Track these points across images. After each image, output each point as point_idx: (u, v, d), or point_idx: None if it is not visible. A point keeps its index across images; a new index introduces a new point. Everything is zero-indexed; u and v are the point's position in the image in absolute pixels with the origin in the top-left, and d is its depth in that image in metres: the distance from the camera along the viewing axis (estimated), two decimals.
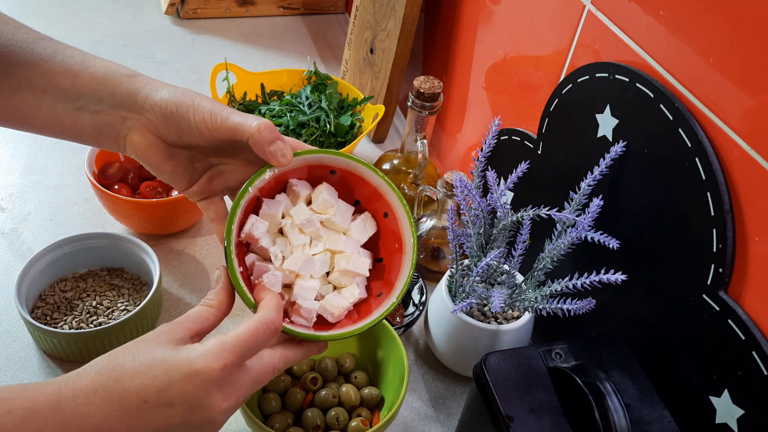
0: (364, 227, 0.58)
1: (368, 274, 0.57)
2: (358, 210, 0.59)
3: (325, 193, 0.57)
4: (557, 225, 0.64)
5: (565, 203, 0.64)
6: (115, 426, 0.42)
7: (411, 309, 0.80)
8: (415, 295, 0.81)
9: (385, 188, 0.58)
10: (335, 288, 0.56)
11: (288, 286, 0.54)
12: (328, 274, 0.56)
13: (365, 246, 0.58)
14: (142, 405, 0.43)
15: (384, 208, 0.59)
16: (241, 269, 0.53)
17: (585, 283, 0.61)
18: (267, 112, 0.99)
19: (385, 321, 0.69)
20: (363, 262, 0.56)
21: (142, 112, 0.52)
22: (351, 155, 0.57)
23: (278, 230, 0.57)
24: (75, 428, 0.41)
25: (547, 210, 0.63)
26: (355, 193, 0.60)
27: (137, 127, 0.53)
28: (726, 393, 0.53)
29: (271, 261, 0.54)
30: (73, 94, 0.53)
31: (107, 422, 0.42)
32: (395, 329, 0.70)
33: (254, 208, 0.56)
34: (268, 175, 0.54)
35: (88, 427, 0.41)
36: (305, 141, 0.95)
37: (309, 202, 0.58)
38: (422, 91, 0.84)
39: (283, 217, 0.56)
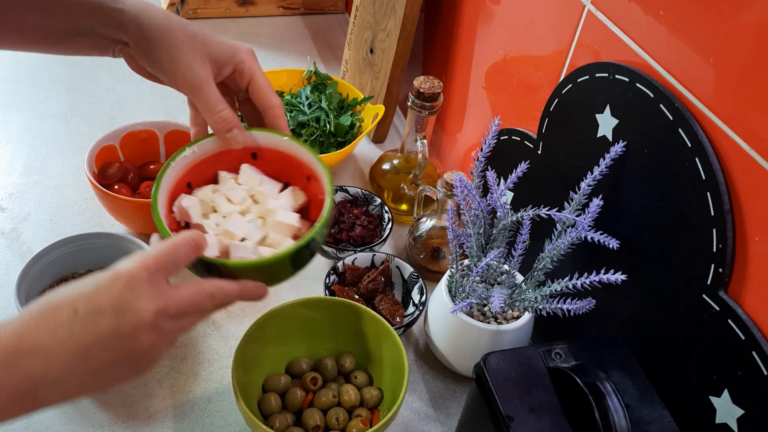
0: (292, 196, 0.62)
1: (299, 225, 0.59)
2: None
3: (249, 170, 0.63)
4: (557, 225, 0.64)
5: (565, 203, 0.64)
6: (48, 344, 0.43)
7: (411, 309, 0.80)
8: (415, 295, 0.81)
9: (302, 153, 0.62)
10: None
11: (226, 254, 0.56)
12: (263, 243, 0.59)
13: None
14: (72, 317, 0.44)
15: (307, 173, 0.63)
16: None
17: (585, 283, 0.61)
18: None
19: (385, 322, 0.69)
20: (292, 216, 0.59)
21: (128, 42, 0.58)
22: (269, 129, 0.63)
23: (212, 210, 0.61)
24: (11, 349, 0.42)
25: (547, 210, 0.63)
26: (281, 176, 0.65)
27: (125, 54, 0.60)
28: (726, 393, 0.53)
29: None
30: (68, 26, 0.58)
31: (42, 339, 0.43)
32: (395, 329, 0.70)
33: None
34: (188, 152, 0.61)
35: (24, 348, 0.42)
36: (305, 140, 0.95)
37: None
38: (422, 91, 0.84)
39: (214, 194, 0.62)
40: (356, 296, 0.78)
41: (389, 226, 0.87)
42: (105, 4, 0.56)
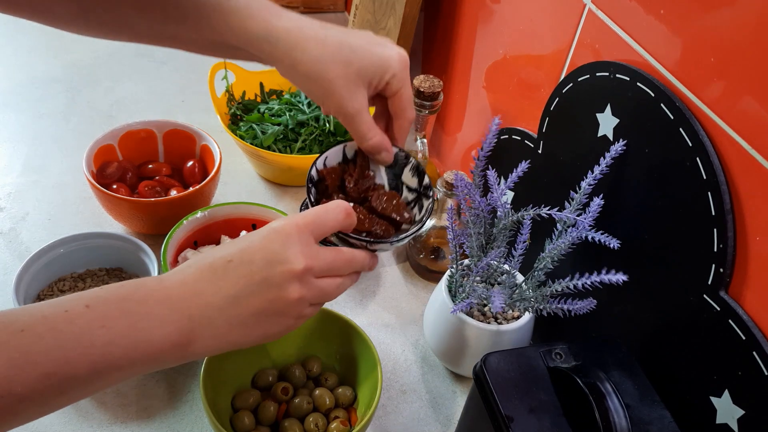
0: None
1: None
2: None
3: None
4: (558, 224, 0.64)
5: (566, 203, 0.64)
6: (205, 288, 0.48)
7: (408, 195, 0.65)
8: (410, 179, 0.65)
9: None
10: None
11: None
12: None
13: None
14: (227, 265, 0.49)
15: None
16: None
17: (585, 283, 0.60)
18: (266, 111, 0.99)
19: (347, 318, 0.70)
20: None
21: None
22: (270, 206, 0.78)
23: None
24: (175, 294, 0.47)
25: (548, 209, 0.62)
26: None
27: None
28: (726, 393, 0.53)
29: None
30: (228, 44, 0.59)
31: (199, 285, 0.48)
32: (407, 234, 0.59)
33: None
34: (199, 215, 0.79)
35: (185, 292, 0.48)
36: (304, 140, 0.95)
37: None
38: (422, 90, 0.84)
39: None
40: (351, 204, 0.58)
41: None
42: (257, 35, 0.57)
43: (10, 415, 0.41)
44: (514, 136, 0.78)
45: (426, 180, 0.64)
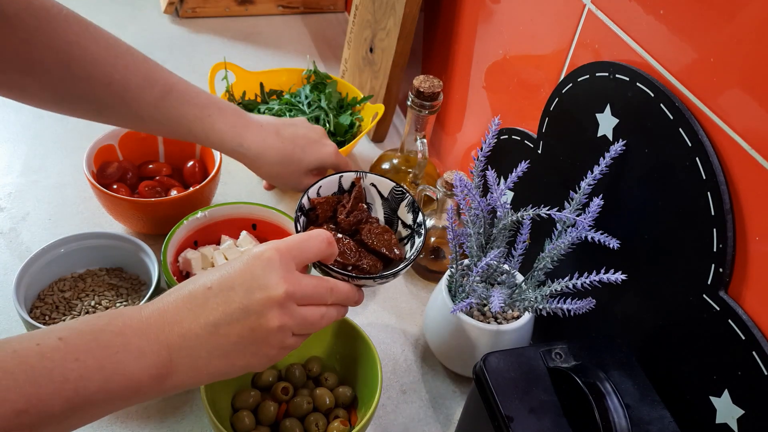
0: None
1: None
2: None
3: (247, 236, 0.80)
4: (557, 225, 0.64)
5: (565, 203, 0.64)
6: (185, 316, 0.47)
7: (403, 230, 0.66)
8: (405, 215, 0.66)
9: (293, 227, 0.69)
10: None
11: None
12: None
13: None
14: (206, 293, 0.48)
15: None
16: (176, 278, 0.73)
17: (585, 282, 0.60)
18: (266, 111, 0.99)
19: (346, 318, 0.69)
20: None
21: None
22: (270, 206, 0.81)
23: (210, 264, 0.76)
24: (153, 323, 0.46)
25: (547, 209, 0.62)
26: None
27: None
28: (726, 393, 0.53)
29: None
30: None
31: (178, 314, 0.47)
32: (398, 269, 0.59)
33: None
34: (199, 215, 0.79)
35: (163, 321, 0.47)
36: None
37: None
38: (422, 90, 0.84)
39: (214, 251, 0.77)
40: (338, 234, 0.62)
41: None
42: (228, 144, 0.71)
43: None
44: (513, 136, 0.78)
45: (420, 217, 0.64)
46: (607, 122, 0.62)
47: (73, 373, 0.42)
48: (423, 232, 0.63)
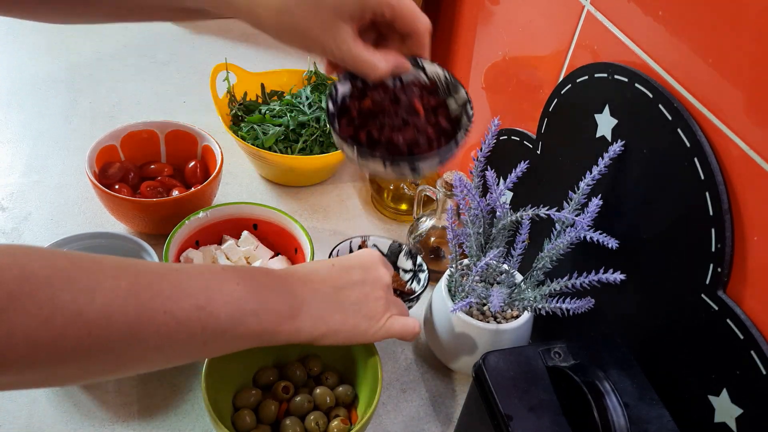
0: (280, 262, 0.79)
1: None
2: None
3: (248, 236, 0.82)
4: (556, 225, 0.64)
5: (564, 203, 0.64)
6: (314, 279, 0.59)
7: (405, 275, 0.82)
8: (404, 263, 0.82)
9: (293, 228, 0.80)
10: None
11: None
12: None
13: None
14: (331, 269, 0.61)
15: (295, 245, 0.80)
16: None
17: (584, 282, 0.61)
18: (267, 111, 0.99)
19: None
20: None
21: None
22: (271, 206, 0.82)
23: (212, 263, 0.77)
24: (287, 278, 0.58)
25: (546, 210, 0.63)
26: (275, 246, 0.83)
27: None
28: (725, 392, 0.53)
29: None
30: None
31: (309, 276, 0.60)
32: (409, 300, 0.76)
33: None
34: (201, 215, 0.80)
35: (295, 279, 0.58)
36: (305, 141, 0.95)
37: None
38: None
39: (216, 251, 0.79)
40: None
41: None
42: None
43: (165, 339, 0.46)
44: (513, 137, 0.78)
45: (419, 260, 0.81)
46: (605, 123, 0.63)
47: (236, 292, 0.51)
48: (425, 268, 0.80)
